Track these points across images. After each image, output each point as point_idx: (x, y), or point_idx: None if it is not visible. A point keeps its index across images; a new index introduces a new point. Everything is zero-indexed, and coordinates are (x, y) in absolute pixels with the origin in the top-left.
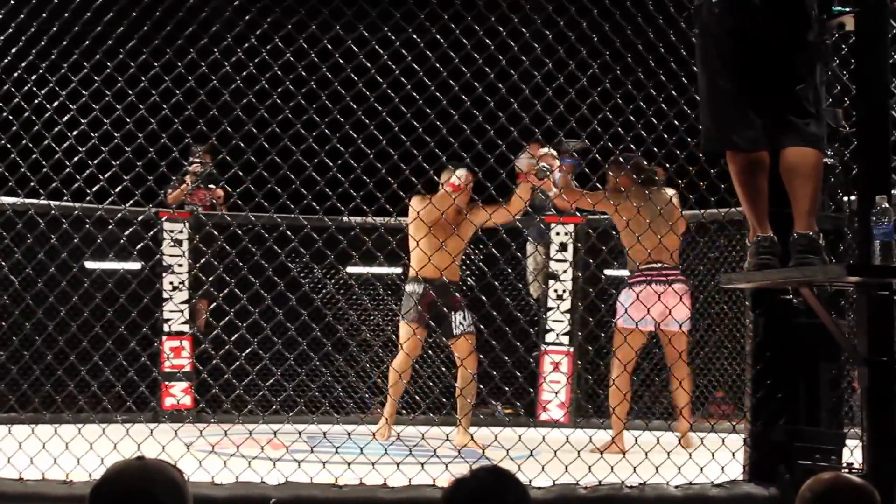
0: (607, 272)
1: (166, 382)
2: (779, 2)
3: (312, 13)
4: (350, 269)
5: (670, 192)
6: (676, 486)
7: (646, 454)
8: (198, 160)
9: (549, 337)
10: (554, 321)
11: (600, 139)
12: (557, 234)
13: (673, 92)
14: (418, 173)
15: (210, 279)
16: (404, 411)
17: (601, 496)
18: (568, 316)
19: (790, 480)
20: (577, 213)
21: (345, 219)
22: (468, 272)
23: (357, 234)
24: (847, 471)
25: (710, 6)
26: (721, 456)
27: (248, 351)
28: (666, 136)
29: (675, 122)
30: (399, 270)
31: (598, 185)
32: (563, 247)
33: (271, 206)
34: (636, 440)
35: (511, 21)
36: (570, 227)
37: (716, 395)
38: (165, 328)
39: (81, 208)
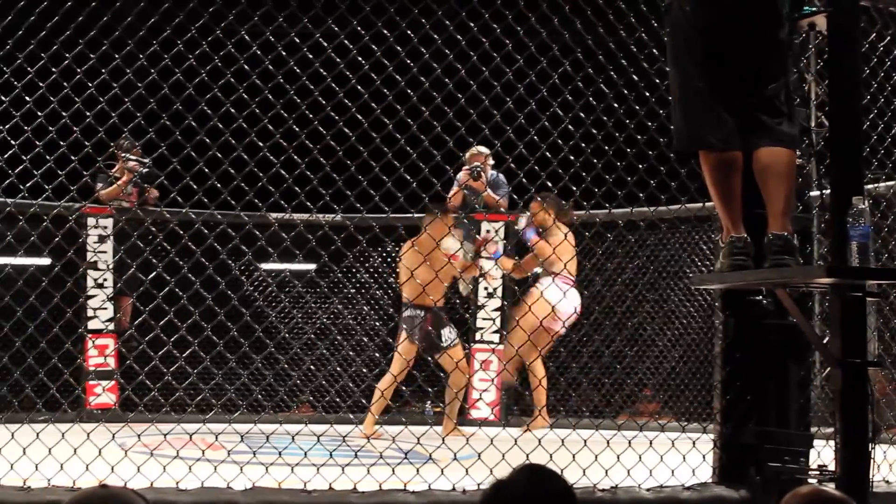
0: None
1: (91, 381)
2: (754, 1)
3: (230, 4)
4: (266, 266)
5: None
6: (648, 490)
7: (617, 456)
8: (134, 159)
9: (479, 335)
10: (484, 319)
11: (572, 137)
12: (487, 231)
13: (645, 91)
14: (339, 168)
15: (127, 276)
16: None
17: None
18: (497, 314)
19: (760, 482)
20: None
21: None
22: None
23: (275, 231)
24: (819, 473)
25: (681, 4)
26: (692, 458)
27: (188, 352)
28: (638, 135)
29: (646, 121)
30: (314, 267)
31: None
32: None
33: (187, 202)
34: (608, 442)
35: (478, 18)
36: (499, 225)
37: (644, 392)
38: (90, 325)
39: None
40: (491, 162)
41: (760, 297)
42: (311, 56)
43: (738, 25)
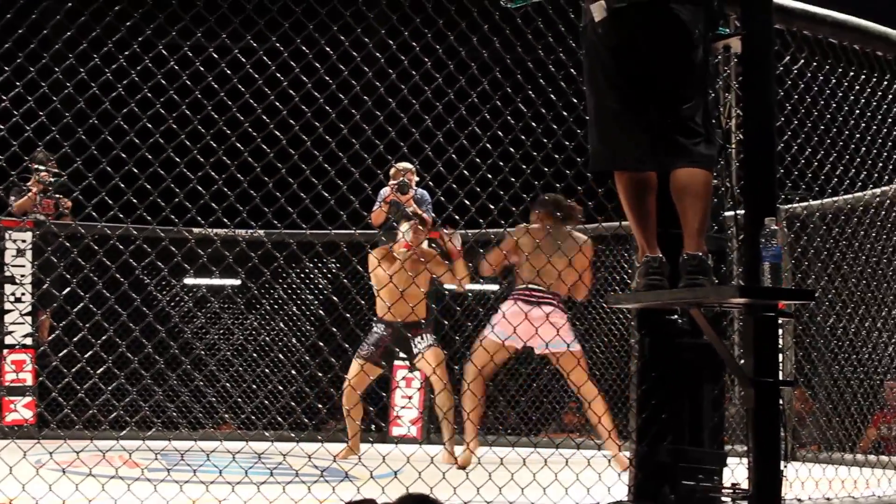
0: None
1: (7, 397)
2: (658, 22)
3: (173, 20)
4: (188, 281)
5: (578, 235)
6: None
7: (533, 475)
8: (43, 169)
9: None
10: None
11: (489, 157)
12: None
13: (563, 111)
14: (258, 185)
15: (48, 290)
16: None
17: None
18: None
19: (674, 501)
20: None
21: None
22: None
23: (192, 247)
24: (732, 491)
25: (594, 25)
26: (607, 476)
27: (103, 368)
28: (556, 154)
29: (565, 141)
30: (235, 282)
31: None
32: None
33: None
34: (524, 461)
35: (398, 35)
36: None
37: (569, 405)
38: (7, 341)
39: None
40: (415, 178)
41: (675, 316)
42: (229, 71)
43: (650, 47)
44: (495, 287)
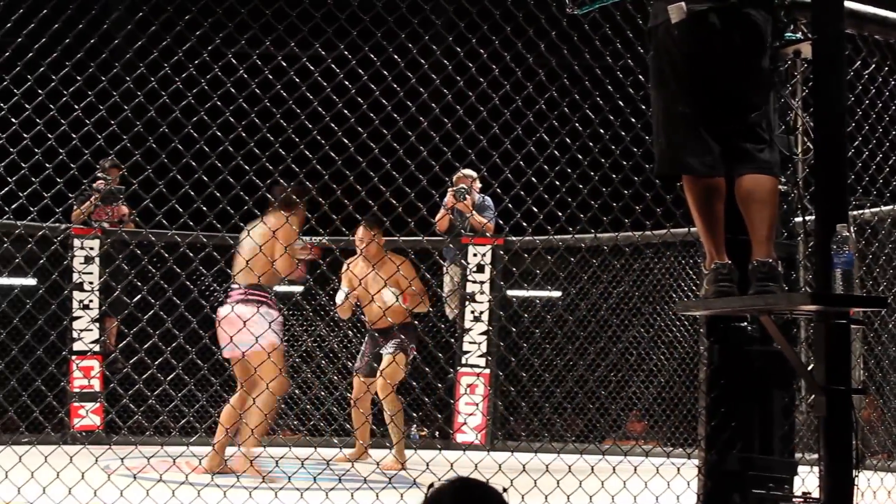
0: (519, 293)
1: (76, 403)
2: (738, 28)
3: (217, 27)
4: None
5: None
6: None
7: (601, 483)
8: (101, 176)
9: (465, 359)
10: (470, 343)
11: (557, 163)
12: (474, 255)
13: (630, 117)
14: (326, 192)
15: (118, 297)
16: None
17: None
18: (484, 338)
19: None
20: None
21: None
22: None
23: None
24: (803, 500)
25: (669, 28)
26: (676, 484)
27: (172, 375)
28: (623, 161)
29: (633, 147)
30: (300, 289)
31: None
32: (479, 268)
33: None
34: (592, 468)
35: (466, 43)
36: (486, 249)
37: (631, 414)
38: (76, 347)
39: None
40: (478, 185)
41: (745, 323)
42: (297, 79)
43: (727, 51)
44: None
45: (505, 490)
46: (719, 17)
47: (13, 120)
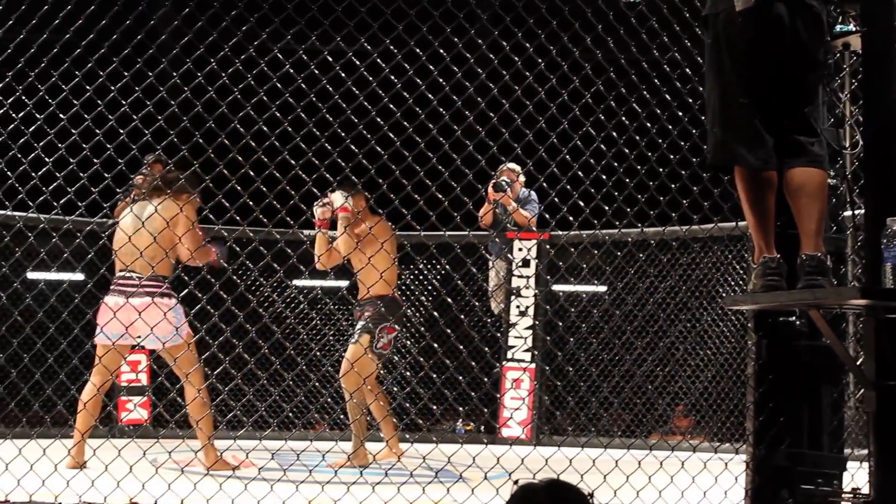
0: (566, 288)
1: (122, 397)
2: (800, 16)
3: (263, 22)
4: (298, 283)
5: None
6: None
7: (649, 477)
8: (143, 172)
9: (510, 353)
10: (515, 338)
11: (603, 157)
12: (520, 249)
13: (677, 110)
14: (372, 187)
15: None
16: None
17: None
18: (529, 332)
19: None
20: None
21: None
22: (423, 289)
23: (307, 248)
24: (853, 496)
25: (732, 16)
26: (724, 479)
27: (220, 369)
28: (671, 155)
29: (680, 141)
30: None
31: None
32: (525, 263)
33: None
34: (639, 463)
35: (511, 37)
36: (532, 243)
37: (677, 409)
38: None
39: (26, 219)
40: (522, 179)
41: (793, 317)
42: (343, 74)
43: (790, 41)
44: None
45: (591, 494)
46: (786, 6)
47: (61, 116)
